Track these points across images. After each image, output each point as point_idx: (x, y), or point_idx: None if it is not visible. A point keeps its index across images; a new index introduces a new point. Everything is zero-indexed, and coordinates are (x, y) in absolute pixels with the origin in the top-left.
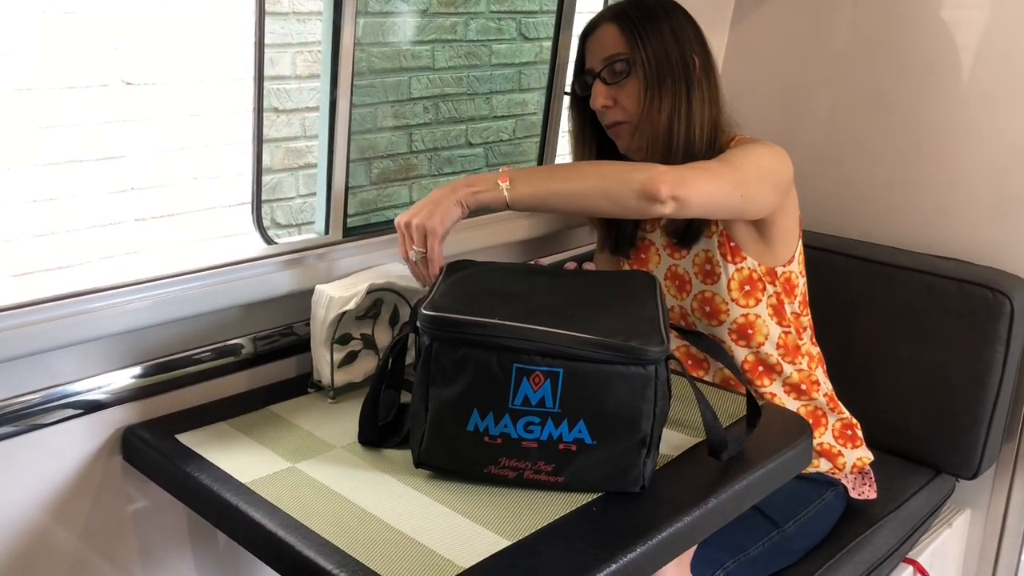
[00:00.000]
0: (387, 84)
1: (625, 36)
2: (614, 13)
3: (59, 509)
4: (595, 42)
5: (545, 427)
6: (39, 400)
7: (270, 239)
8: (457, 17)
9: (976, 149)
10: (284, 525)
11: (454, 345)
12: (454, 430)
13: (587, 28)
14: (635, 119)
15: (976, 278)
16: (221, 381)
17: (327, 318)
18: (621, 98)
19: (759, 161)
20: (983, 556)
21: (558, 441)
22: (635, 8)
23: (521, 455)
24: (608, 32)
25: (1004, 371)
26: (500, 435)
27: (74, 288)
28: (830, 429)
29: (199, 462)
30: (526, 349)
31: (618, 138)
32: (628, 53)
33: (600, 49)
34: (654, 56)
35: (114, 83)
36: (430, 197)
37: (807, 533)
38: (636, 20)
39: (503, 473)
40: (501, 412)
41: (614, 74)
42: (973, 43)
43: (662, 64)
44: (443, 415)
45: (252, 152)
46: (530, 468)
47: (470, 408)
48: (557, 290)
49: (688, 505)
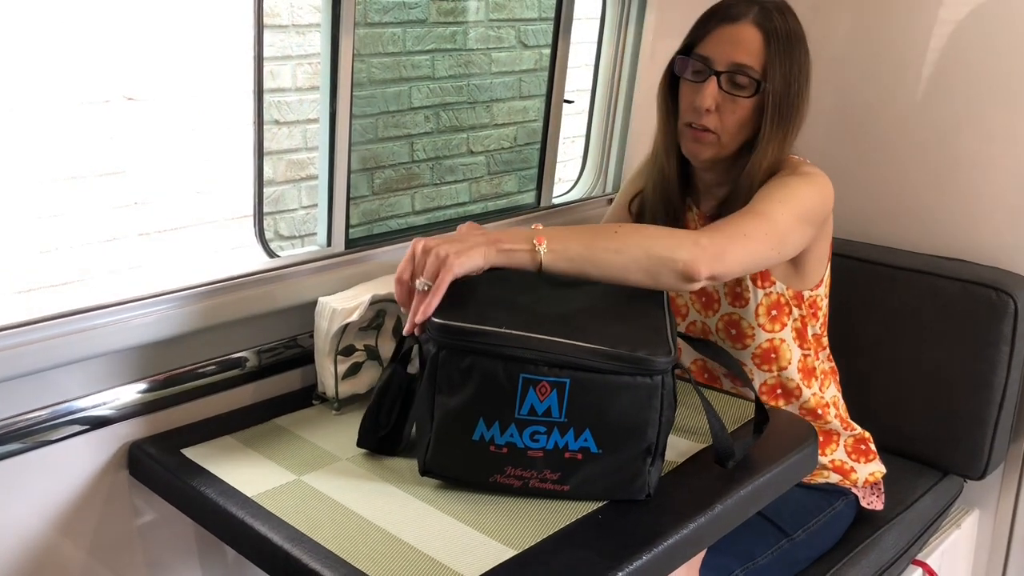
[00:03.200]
0: (387, 94)
1: (766, 53)
2: (763, 19)
3: (66, 525)
4: (730, 37)
5: (551, 436)
6: (45, 417)
7: (272, 252)
8: (456, 26)
9: (978, 150)
10: (290, 538)
11: (461, 354)
12: (460, 439)
13: (725, 13)
14: (726, 138)
15: (979, 278)
16: (226, 395)
17: (330, 330)
18: (726, 111)
19: (798, 202)
20: (992, 556)
21: (564, 450)
22: (783, 24)
23: (527, 464)
24: (750, 37)
25: (1009, 371)
26: (506, 444)
27: (79, 305)
28: (842, 446)
29: (205, 476)
30: (533, 359)
31: (697, 143)
32: (760, 74)
33: (732, 50)
34: (782, 89)
35: (116, 98)
36: (462, 234)
37: (816, 542)
38: (782, 41)
39: (509, 482)
40: (507, 422)
41: (734, 85)
42: (977, 43)
43: (783, 100)
44: (449, 424)
45: (253, 166)
46: (536, 477)
47: (476, 417)
48: (565, 299)
49: (694, 512)
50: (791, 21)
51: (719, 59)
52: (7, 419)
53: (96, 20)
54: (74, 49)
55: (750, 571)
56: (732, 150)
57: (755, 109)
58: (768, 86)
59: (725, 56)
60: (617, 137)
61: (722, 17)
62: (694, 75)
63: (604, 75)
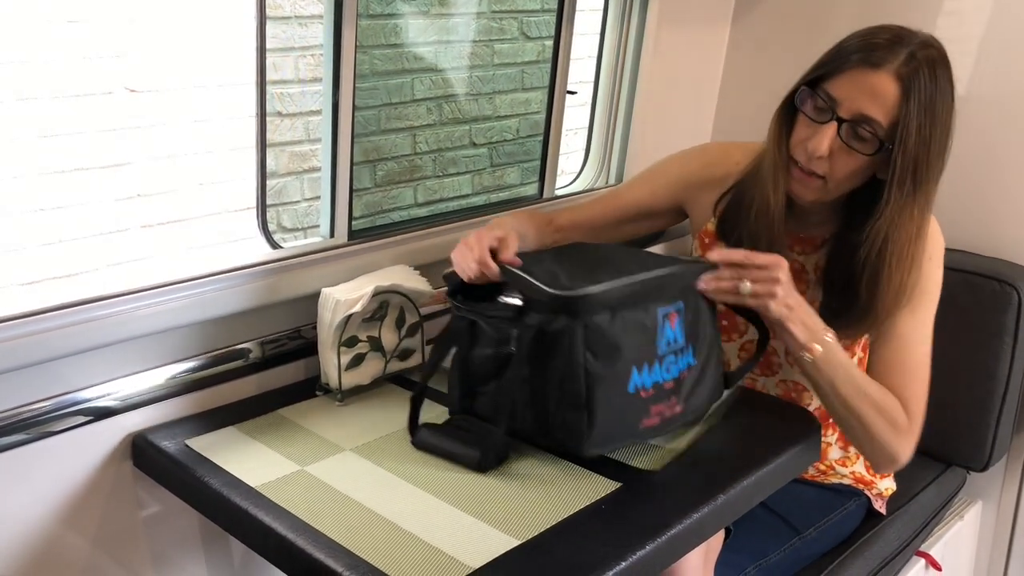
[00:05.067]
0: (390, 86)
1: (900, 111)
2: (907, 72)
3: (71, 515)
4: (864, 85)
5: (677, 363)
6: (49, 408)
7: (276, 243)
8: (459, 18)
9: (980, 142)
10: (294, 528)
11: (612, 313)
12: (619, 399)
13: (866, 56)
14: (833, 184)
15: (982, 269)
16: (230, 385)
17: (333, 321)
18: (839, 160)
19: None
20: (996, 547)
21: (682, 372)
22: (930, 82)
23: (665, 397)
24: (887, 90)
25: (1013, 362)
26: (653, 385)
27: (82, 296)
28: (863, 460)
29: (209, 467)
30: (660, 296)
31: (801, 185)
32: (886, 133)
33: (862, 98)
34: (914, 153)
35: (118, 90)
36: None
37: (826, 539)
38: (923, 100)
39: (651, 423)
40: (652, 361)
41: (855, 136)
42: (975, 39)
43: (917, 165)
44: (607, 388)
45: (256, 158)
46: (667, 408)
47: (629, 369)
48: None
49: (697, 502)
50: (940, 75)
51: (847, 105)
52: (11, 410)
53: (98, 11)
54: (76, 41)
55: (762, 568)
56: (837, 196)
57: (871, 164)
58: (898, 148)
59: (854, 104)
60: (620, 129)
61: (863, 58)
62: (815, 112)
63: (607, 66)
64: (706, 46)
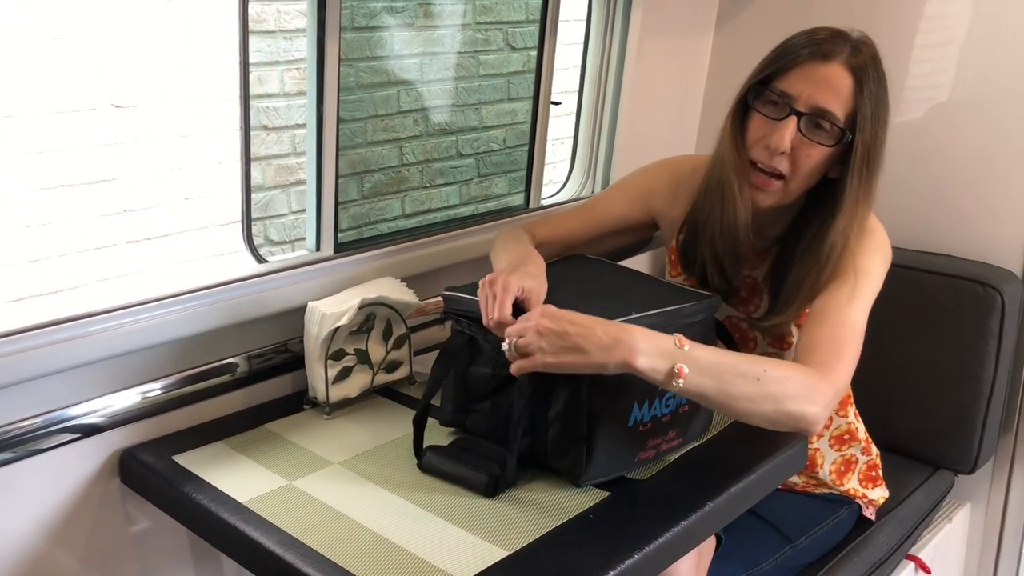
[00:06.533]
0: (376, 98)
1: (854, 102)
2: (855, 61)
3: (59, 533)
4: (816, 77)
5: (677, 397)
6: (37, 425)
7: (261, 257)
8: (444, 29)
9: (962, 146)
10: (282, 543)
11: None
12: (618, 433)
13: (815, 48)
14: (793, 184)
15: (966, 273)
16: (217, 400)
17: (320, 334)
18: (800, 156)
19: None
20: (984, 549)
21: (680, 406)
22: (876, 73)
23: (662, 432)
24: (839, 81)
25: (998, 365)
26: (651, 419)
27: (69, 313)
28: (857, 474)
29: (197, 482)
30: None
31: (760, 192)
32: (844, 124)
33: (818, 91)
34: (867, 144)
35: (103, 106)
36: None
37: (818, 547)
38: (873, 91)
39: (647, 455)
40: (652, 397)
41: (815, 129)
42: (956, 44)
43: (865, 155)
44: (610, 423)
45: (240, 172)
46: (664, 440)
47: (631, 404)
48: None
49: (684, 511)
50: (880, 70)
51: (803, 99)
52: None
53: (82, 27)
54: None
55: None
56: (794, 199)
57: (828, 158)
58: (858, 137)
59: (811, 97)
60: (605, 138)
61: (813, 52)
62: (772, 110)
63: (591, 76)
64: (689, 55)
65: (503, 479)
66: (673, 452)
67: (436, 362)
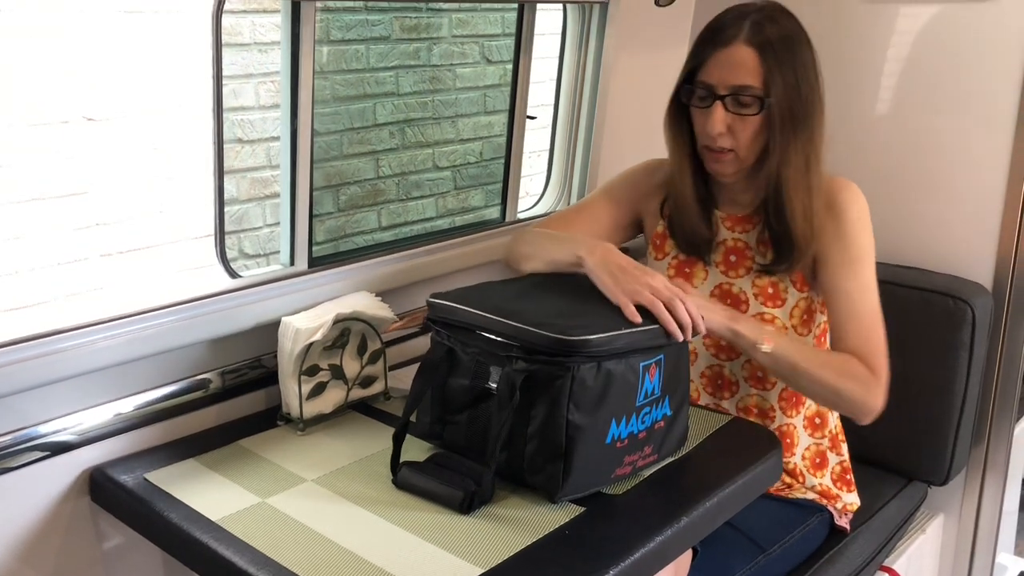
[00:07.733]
0: (352, 111)
1: (763, 70)
2: (754, 38)
3: (28, 552)
4: (725, 61)
5: (652, 413)
6: (6, 443)
7: (235, 272)
8: (420, 43)
9: (934, 162)
10: (255, 562)
11: (598, 366)
12: (596, 450)
13: (718, 38)
14: (743, 152)
15: (936, 286)
16: (190, 417)
17: (294, 350)
18: (737, 129)
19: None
20: (957, 560)
21: (656, 422)
22: (779, 40)
23: (638, 448)
24: (744, 57)
25: (969, 377)
26: (627, 436)
27: (39, 330)
28: (830, 471)
29: (168, 500)
30: (645, 347)
31: (718, 163)
32: (761, 90)
33: (730, 73)
34: (787, 100)
35: (75, 119)
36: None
37: (790, 556)
38: (778, 55)
39: (623, 472)
40: (630, 414)
41: (739, 105)
42: (934, 57)
43: (792, 109)
44: (588, 440)
45: (213, 186)
46: (640, 457)
47: (609, 421)
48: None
49: (660, 525)
50: (785, 23)
51: (720, 84)
52: None
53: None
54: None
55: None
56: (752, 160)
57: (765, 121)
58: (773, 99)
59: (724, 80)
60: (580, 151)
61: (715, 42)
62: (700, 101)
63: (566, 89)
64: (665, 68)
65: (478, 495)
66: (649, 468)
67: (417, 375)
